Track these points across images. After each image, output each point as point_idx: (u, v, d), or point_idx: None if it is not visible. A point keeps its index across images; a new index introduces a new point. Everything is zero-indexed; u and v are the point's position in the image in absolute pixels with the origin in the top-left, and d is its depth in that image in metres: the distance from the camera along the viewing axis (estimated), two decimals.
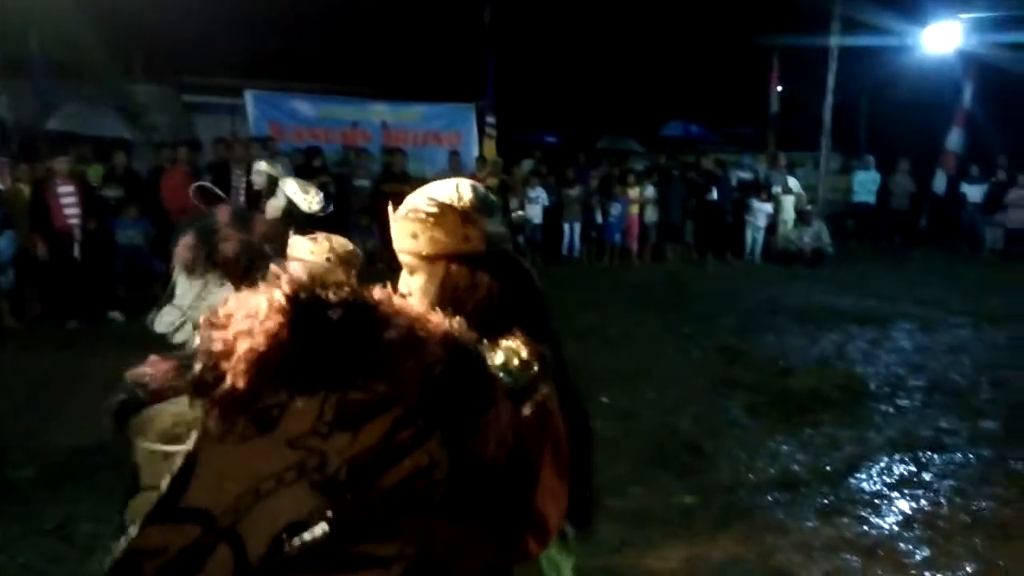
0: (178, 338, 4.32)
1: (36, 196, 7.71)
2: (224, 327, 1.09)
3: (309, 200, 4.10)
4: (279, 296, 1.09)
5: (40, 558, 3.57)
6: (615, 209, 12.48)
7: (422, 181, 6.01)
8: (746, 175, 13.69)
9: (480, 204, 1.50)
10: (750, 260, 12.68)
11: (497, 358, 1.31)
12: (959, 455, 4.91)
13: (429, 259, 1.49)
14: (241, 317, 1.09)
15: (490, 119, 13.35)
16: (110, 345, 7.10)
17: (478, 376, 1.21)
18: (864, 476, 4.60)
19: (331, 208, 5.14)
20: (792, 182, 13.40)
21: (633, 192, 12.53)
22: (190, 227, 4.82)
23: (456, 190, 1.51)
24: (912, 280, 10.82)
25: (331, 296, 1.11)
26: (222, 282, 4.27)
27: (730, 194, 12.99)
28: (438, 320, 1.21)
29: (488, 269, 1.48)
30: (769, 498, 4.28)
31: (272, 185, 5.54)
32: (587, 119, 19.37)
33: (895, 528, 3.98)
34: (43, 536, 3.77)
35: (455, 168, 12.08)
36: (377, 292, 1.20)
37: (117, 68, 12.94)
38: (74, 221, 7.70)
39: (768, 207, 12.80)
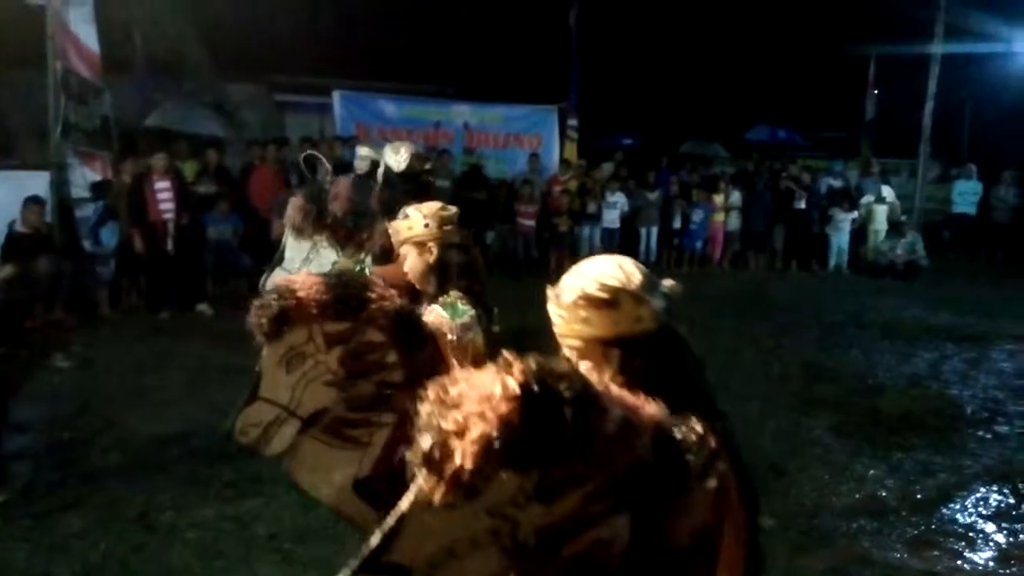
0: None
1: (134, 191, 8.04)
2: (456, 407, 1.14)
3: (399, 159, 4.11)
4: (513, 384, 1.13)
5: (122, 545, 3.68)
6: (697, 215, 12.21)
7: (501, 184, 5.97)
8: (836, 183, 13.19)
9: (648, 282, 1.49)
10: (836, 271, 12.21)
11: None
12: None
13: (601, 343, 1.47)
14: (474, 399, 1.14)
15: (572, 121, 13.27)
16: (197, 337, 7.36)
17: (678, 466, 1.28)
18: (958, 506, 4.34)
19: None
20: (886, 191, 12.83)
21: (718, 198, 12.22)
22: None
23: (622, 270, 1.49)
24: (1013, 298, 10.19)
25: (563, 390, 1.15)
26: (329, 244, 4.37)
27: (818, 202, 12.54)
28: (650, 411, 1.26)
29: (660, 348, 1.48)
30: (854, 525, 4.08)
31: (374, 168, 5.65)
32: (671, 122, 19.07)
33: (990, 564, 3.73)
34: (125, 524, 3.89)
35: (535, 171, 12.07)
36: (596, 379, 1.25)
37: (213, 67, 13.40)
38: (168, 216, 7.99)
39: (852, 216, 12.29)
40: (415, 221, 2.46)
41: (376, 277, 3.91)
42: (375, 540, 1.20)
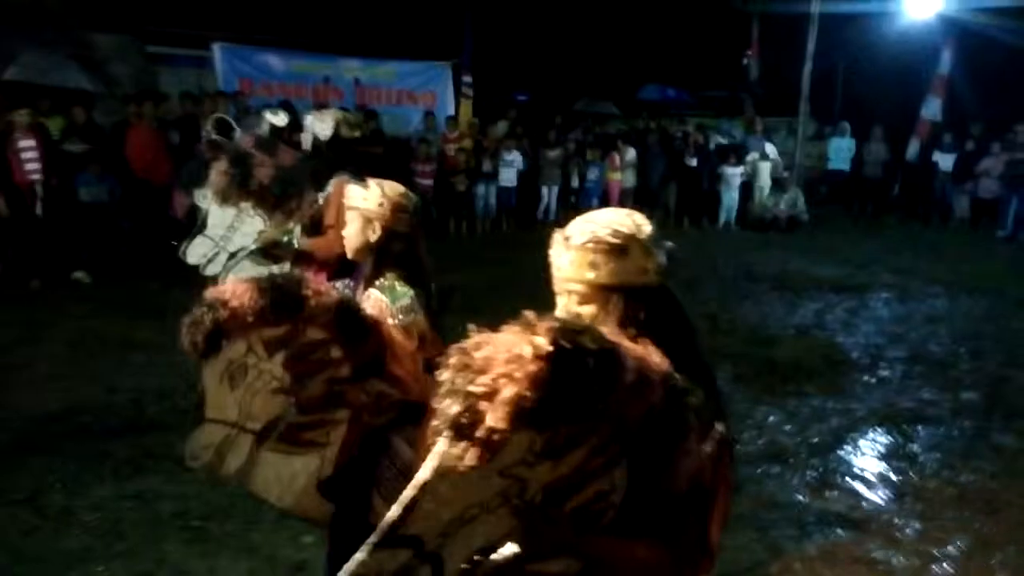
0: (210, 270, 4.19)
1: None
2: (483, 371, 1.14)
3: (323, 127, 3.97)
4: (542, 343, 1.14)
5: (12, 530, 3.43)
6: (592, 173, 12.33)
7: (395, 142, 5.78)
8: (723, 140, 13.60)
9: (655, 236, 1.51)
10: (726, 227, 12.66)
11: None
12: (943, 428, 4.94)
13: (606, 289, 1.48)
14: (503, 361, 1.14)
15: (466, 79, 13.07)
16: (75, 306, 6.88)
17: (683, 415, 1.30)
18: (851, 448, 4.60)
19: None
20: (769, 148, 13.32)
21: (616, 157, 12.36)
22: (214, 155, 4.60)
23: (633, 221, 1.52)
24: (887, 248, 10.88)
25: (588, 343, 1.17)
26: (256, 212, 4.13)
27: (710, 160, 12.90)
28: (658, 360, 1.29)
29: (658, 302, 1.50)
30: (758, 471, 4.26)
31: (277, 133, 5.39)
32: (564, 80, 19.10)
33: (886, 503, 3.98)
34: (14, 507, 3.61)
35: (430, 129, 11.84)
36: (608, 331, 1.26)
37: (75, 15, 12.37)
38: (35, 177, 7.36)
39: (739, 171, 12.72)
40: (372, 195, 2.37)
41: (305, 246, 3.80)
42: (394, 513, 1.20)
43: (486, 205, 11.64)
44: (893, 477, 4.25)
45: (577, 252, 1.49)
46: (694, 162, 12.65)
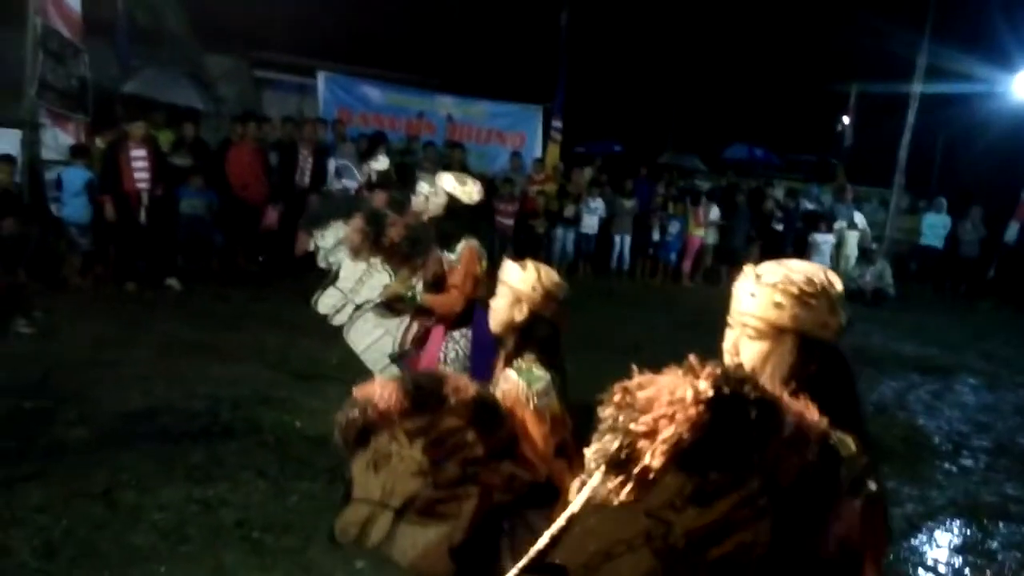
0: (337, 320, 4.60)
1: (109, 158, 7.80)
2: (645, 410, 1.18)
3: (468, 192, 4.07)
4: (705, 387, 1.17)
5: (84, 523, 3.55)
6: (673, 227, 12.27)
7: (482, 178, 5.84)
8: (811, 205, 13.36)
9: (843, 297, 1.56)
10: None
11: None
12: None
13: (782, 332, 1.52)
14: (665, 403, 1.17)
15: (556, 123, 13.26)
16: (165, 312, 7.18)
17: (836, 476, 1.30)
18: (925, 539, 4.38)
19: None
20: (858, 217, 13.04)
21: (700, 212, 12.28)
22: (335, 207, 5.05)
23: (826, 277, 1.56)
24: (977, 332, 10.43)
25: (749, 392, 1.20)
26: (384, 267, 4.43)
27: (794, 224, 12.69)
28: (815, 419, 1.29)
29: (830, 359, 1.53)
30: None
31: (386, 179, 5.75)
32: (652, 132, 19.17)
33: None
34: (89, 500, 3.75)
35: (516, 169, 12.02)
36: (770, 386, 1.28)
37: (193, 36, 13.11)
38: (143, 186, 7.77)
39: (831, 239, 12.46)
40: (527, 278, 2.45)
41: (426, 302, 4.00)
42: (542, 541, 1.26)
43: (563, 249, 11.69)
44: (967, 572, 4.03)
45: (766, 289, 1.54)
46: (780, 226, 12.45)
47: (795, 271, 1.54)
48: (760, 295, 1.54)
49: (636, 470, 1.17)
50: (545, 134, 13.37)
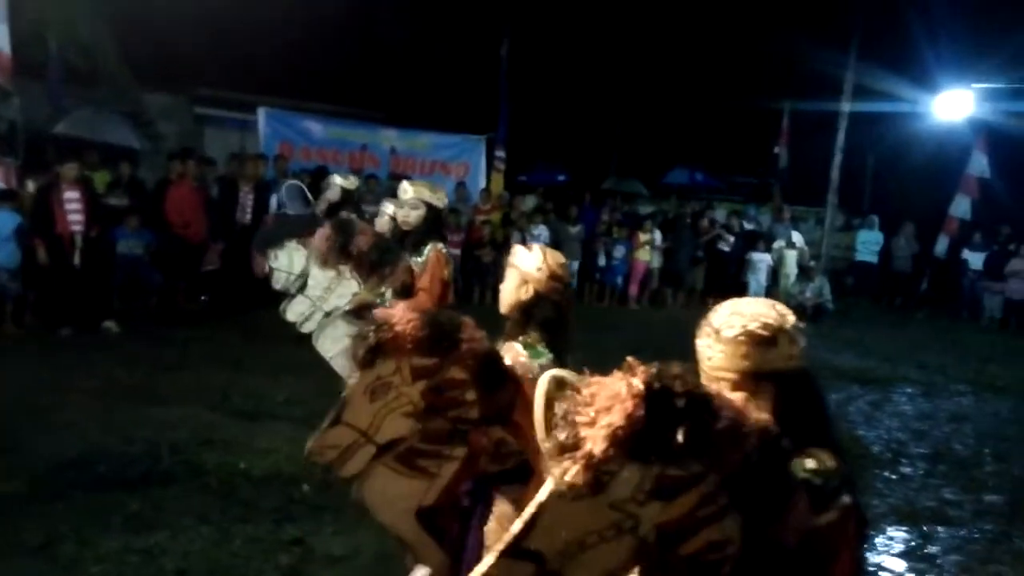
0: (307, 327, 4.67)
1: (40, 200, 7.62)
2: (588, 404, 1.33)
3: (440, 197, 4.37)
4: (637, 383, 1.31)
5: None
6: (618, 252, 12.44)
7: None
8: (750, 226, 13.70)
9: (796, 324, 1.65)
10: None
11: (808, 463, 1.52)
12: (963, 530, 4.80)
13: (756, 377, 1.61)
14: (604, 398, 1.32)
15: (499, 153, 13.38)
16: (102, 355, 6.99)
17: (783, 470, 1.44)
18: (867, 546, 4.48)
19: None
20: (796, 236, 13.40)
21: (643, 236, 12.48)
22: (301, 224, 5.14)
23: (776, 311, 1.65)
24: (913, 343, 10.77)
25: (678, 387, 1.32)
26: (351, 275, 4.50)
27: (737, 244, 12.98)
28: (757, 416, 1.41)
29: (805, 384, 1.64)
30: None
31: (346, 198, 5.84)
32: (595, 158, 19.45)
33: None
34: (28, 556, 3.63)
35: (462, 199, 12.07)
36: (710, 386, 1.43)
37: (130, 75, 12.92)
38: (77, 228, 7.59)
39: (768, 258, 12.77)
40: (533, 259, 2.55)
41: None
42: (516, 527, 1.38)
43: None
44: None
45: (728, 345, 1.62)
46: (727, 248, 12.73)
47: (749, 318, 1.62)
48: (725, 350, 1.62)
49: (580, 455, 1.29)
50: (489, 164, 13.47)
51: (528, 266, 2.54)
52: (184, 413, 5.64)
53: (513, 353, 2.39)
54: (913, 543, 4.57)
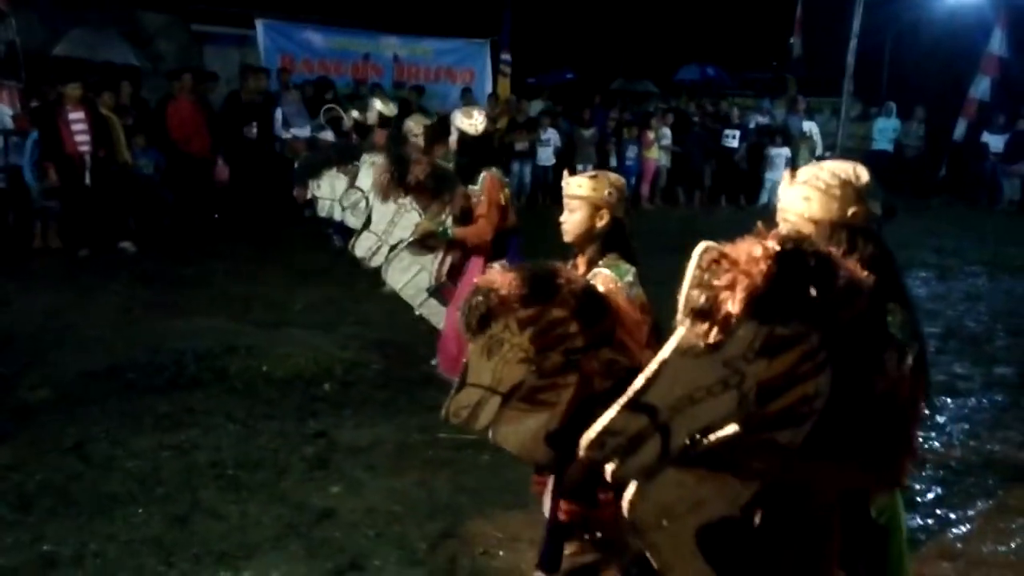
0: (375, 262, 4.88)
1: (46, 123, 7.60)
2: (728, 269, 1.40)
3: (475, 123, 4.30)
4: (772, 244, 1.40)
5: (58, 475, 3.60)
6: (630, 152, 12.28)
7: (437, 116, 5.96)
8: (764, 120, 13.43)
9: (871, 188, 1.79)
10: (765, 207, 12.52)
11: (891, 317, 1.68)
12: (973, 400, 4.89)
13: (814, 222, 1.77)
14: (742, 260, 1.39)
15: (505, 56, 13.10)
16: (121, 275, 7.10)
17: (884, 324, 1.61)
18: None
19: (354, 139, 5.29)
20: (808, 126, 13.15)
21: (651, 135, 12.28)
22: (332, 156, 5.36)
23: (853, 171, 1.81)
24: (929, 229, 10.67)
25: (808, 248, 1.42)
26: (412, 206, 4.68)
27: (748, 139, 12.75)
28: (865, 274, 1.50)
29: (862, 238, 1.75)
30: None
31: (385, 121, 5.89)
32: (602, 59, 18.96)
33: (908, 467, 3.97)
34: (60, 454, 3.79)
35: (468, 105, 11.86)
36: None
37: None
38: (85, 148, 7.59)
39: (785, 151, 12.56)
40: (600, 185, 2.60)
41: (457, 235, 4.26)
42: (638, 383, 1.46)
43: (520, 183, 11.65)
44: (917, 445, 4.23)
45: (797, 187, 1.80)
46: (735, 143, 12.52)
47: (824, 168, 1.79)
48: (793, 194, 1.80)
49: (719, 316, 1.38)
50: (494, 68, 13.21)
51: (598, 192, 2.59)
52: (206, 324, 5.76)
53: (602, 278, 2.47)
54: (923, 414, 4.65)
